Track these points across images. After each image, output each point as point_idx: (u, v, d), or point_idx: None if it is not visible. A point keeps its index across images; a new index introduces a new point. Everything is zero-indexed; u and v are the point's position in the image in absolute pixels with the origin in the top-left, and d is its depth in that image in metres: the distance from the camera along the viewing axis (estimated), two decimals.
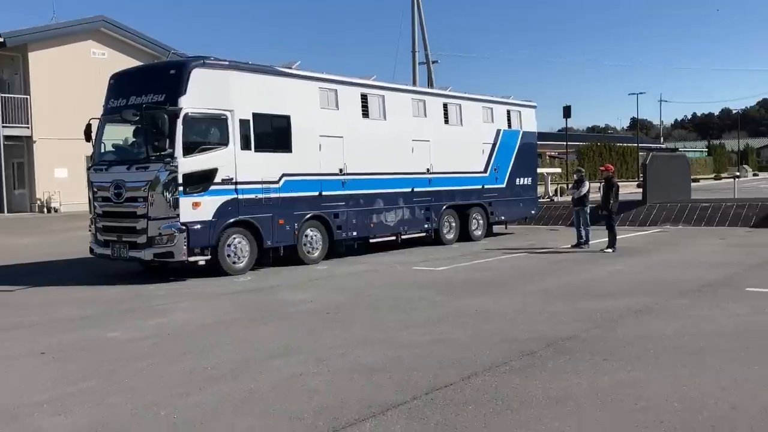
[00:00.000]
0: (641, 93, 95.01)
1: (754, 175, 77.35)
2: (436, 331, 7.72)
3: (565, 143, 46.39)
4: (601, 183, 16.33)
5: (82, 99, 24.53)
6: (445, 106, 17.59)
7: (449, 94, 18.18)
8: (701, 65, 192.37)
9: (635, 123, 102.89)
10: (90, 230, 13.02)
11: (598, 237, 16.12)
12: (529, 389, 5.55)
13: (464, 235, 17.96)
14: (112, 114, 12.72)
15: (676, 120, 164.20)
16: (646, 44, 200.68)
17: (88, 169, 13.15)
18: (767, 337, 7.03)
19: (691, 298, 9.30)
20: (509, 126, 19.56)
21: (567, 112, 42.45)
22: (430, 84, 34.65)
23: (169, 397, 5.57)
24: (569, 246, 16.12)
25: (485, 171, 18.65)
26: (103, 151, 13.02)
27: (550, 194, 30.03)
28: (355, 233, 15.06)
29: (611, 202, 15.47)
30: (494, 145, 18.90)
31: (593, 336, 7.31)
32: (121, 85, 13.05)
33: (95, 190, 12.69)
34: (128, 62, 25.36)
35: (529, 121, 20.60)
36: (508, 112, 19.65)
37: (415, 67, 34.04)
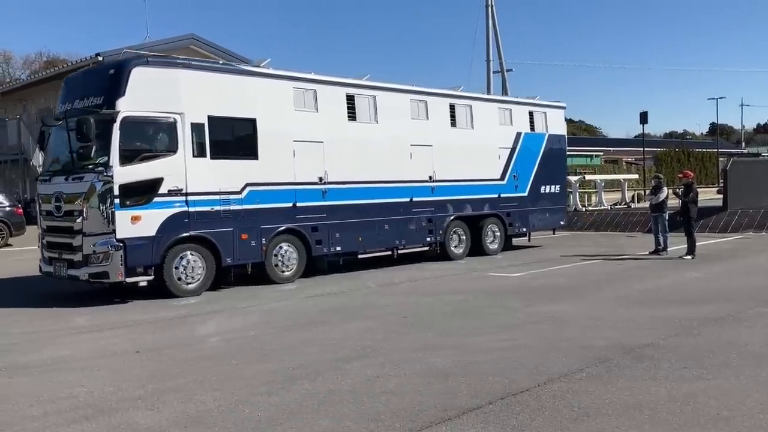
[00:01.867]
0: (721, 98, 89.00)
1: None
2: (510, 337, 7.61)
3: (642, 149, 45.01)
4: (680, 189, 15.69)
5: None
6: (452, 107, 15.67)
7: (457, 94, 16.14)
8: None
9: (715, 128, 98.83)
10: (38, 246, 11.75)
11: (677, 244, 15.54)
12: (606, 396, 5.39)
13: (477, 249, 16.13)
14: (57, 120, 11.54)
15: (758, 124, 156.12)
16: (725, 48, 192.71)
17: (36, 179, 12.19)
18: None
19: None
20: (532, 129, 17.51)
21: (644, 117, 41.21)
22: (505, 92, 34.26)
23: (252, 396, 5.69)
24: (647, 252, 15.62)
25: (502, 178, 16.68)
26: (51, 160, 11.92)
27: (627, 200, 29.16)
28: (339, 248, 13.27)
29: (692, 208, 14.90)
30: (513, 149, 16.92)
31: (672, 343, 7.05)
32: (69, 88, 11.80)
33: (39, 202, 11.57)
34: None
35: (557, 124, 18.47)
36: (531, 113, 17.59)
37: (489, 75, 33.75)
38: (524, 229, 17.53)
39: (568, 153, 63.09)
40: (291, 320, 9.07)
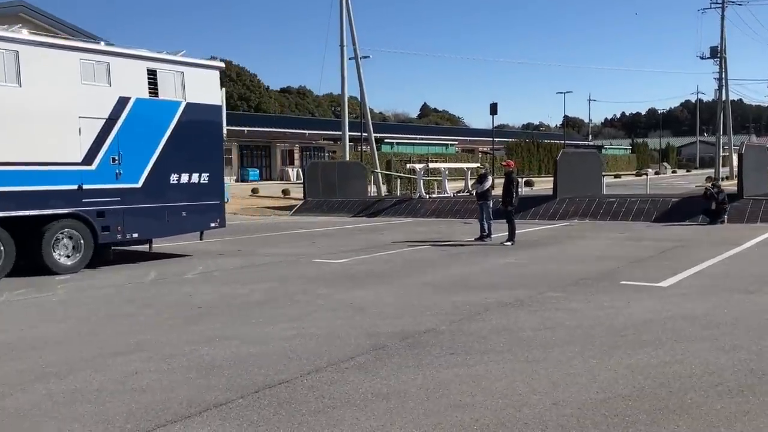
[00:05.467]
0: (568, 92, 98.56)
1: (673, 172, 79.82)
2: (301, 326, 7.43)
3: (493, 139, 46.75)
4: (504, 178, 16.24)
5: None
6: None
7: None
8: (630, 66, 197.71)
9: (567, 121, 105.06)
10: None
11: (503, 230, 16.06)
12: (363, 386, 5.30)
13: (37, 265, 11.45)
14: None
15: (606, 119, 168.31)
16: (578, 45, 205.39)
17: None
18: (615, 331, 6.96)
19: (566, 291, 9.24)
20: (154, 93, 12.87)
21: (494, 109, 42.82)
22: (360, 82, 34.21)
23: None
24: (473, 239, 16.06)
25: (88, 162, 11.87)
26: None
27: (470, 188, 30.06)
28: None
29: (514, 196, 15.47)
30: (113, 121, 12.18)
31: (452, 329, 7.13)
32: None
33: None
34: None
35: (206, 90, 13.86)
36: (153, 72, 12.85)
37: (344, 61, 33.58)
38: (136, 235, 12.71)
39: (424, 142, 64.43)
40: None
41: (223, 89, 14.53)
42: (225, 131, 14.54)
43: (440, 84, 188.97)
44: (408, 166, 31.60)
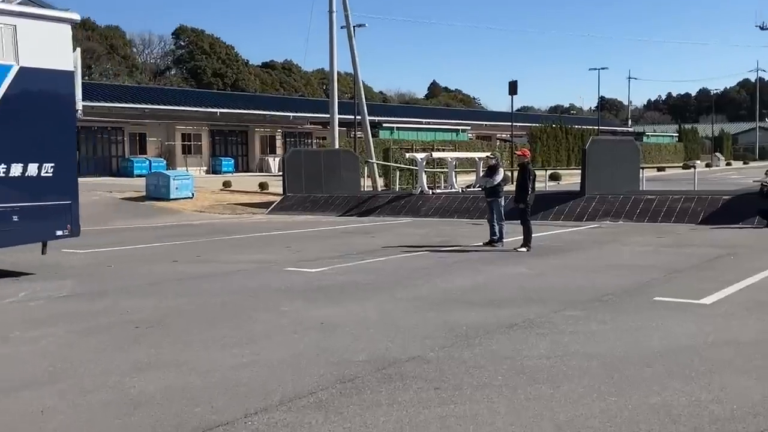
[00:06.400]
0: (603, 68, 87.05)
1: (727, 164, 79.51)
2: (255, 351, 7.18)
3: (512, 124, 46.47)
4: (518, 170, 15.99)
5: None
6: None
7: None
8: (678, 39, 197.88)
9: (602, 103, 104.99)
10: None
11: (519, 233, 15.78)
12: (320, 430, 5.05)
13: None
14: None
15: (649, 100, 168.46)
16: (616, 14, 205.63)
17: None
18: (642, 360, 6.69)
19: (586, 310, 8.98)
20: None
21: (513, 88, 42.57)
22: (353, 55, 34.00)
23: None
24: (481, 243, 15.81)
25: None
26: None
27: (479, 182, 29.86)
28: None
29: (529, 193, 15.19)
30: None
31: (442, 356, 6.88)
32: None
33: None
34: None
35: (48, 50, 11.79)
36: None
37: (333, 30, 33.38)
38: None
39: (431, 127, 64.30)
40: None
41: (78, 50, 12.71)
42: (80, 106, 12.81)
43: (452, 59, 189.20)
44: (408, 155, 31.36)
